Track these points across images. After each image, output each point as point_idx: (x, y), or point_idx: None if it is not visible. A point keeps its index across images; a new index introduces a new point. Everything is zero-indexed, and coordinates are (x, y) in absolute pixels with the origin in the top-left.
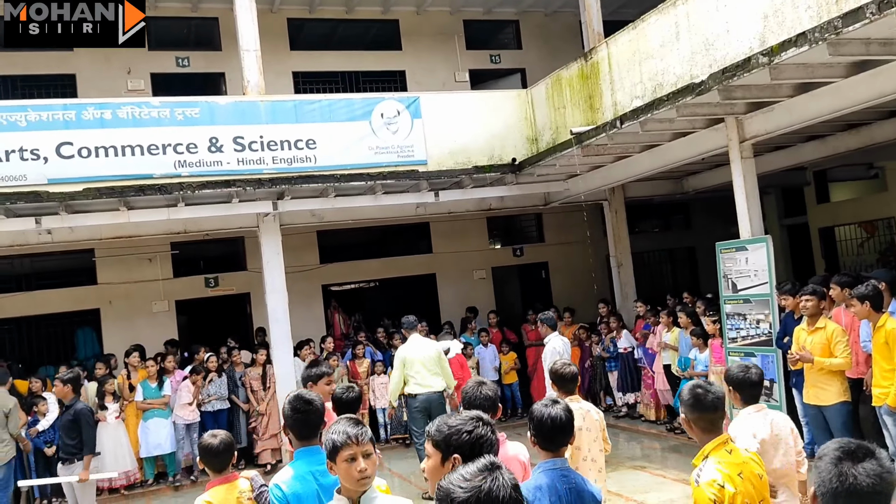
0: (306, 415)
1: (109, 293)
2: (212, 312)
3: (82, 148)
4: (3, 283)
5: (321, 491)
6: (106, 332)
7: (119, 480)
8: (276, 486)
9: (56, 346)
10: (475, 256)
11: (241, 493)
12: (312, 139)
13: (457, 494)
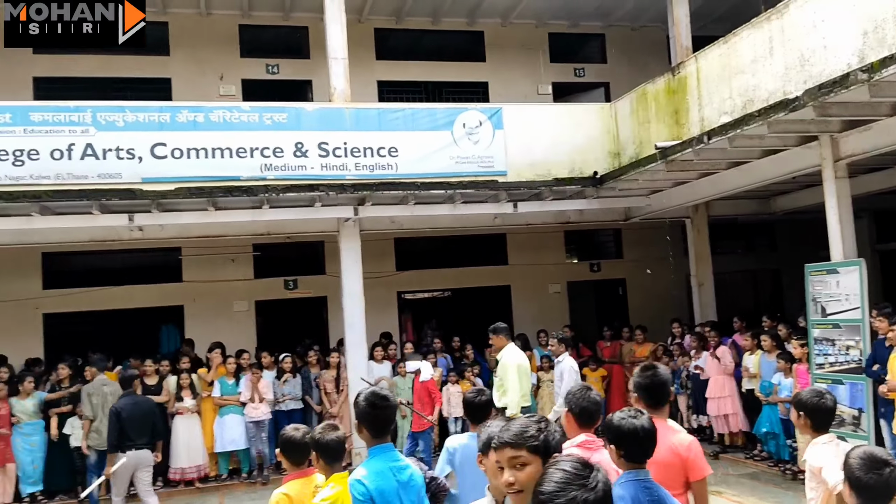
0: (384, 411)
1: (193, 291)
2: (289, 314)
3: (175, 149)
4: (95, 277)
5: (400, 488)
6: (189, 328)
7: (191, 473)
8: (357, 482)
9: (141, 340)
10: (551, 270)
11: (316, 487)
12: (395, 147)
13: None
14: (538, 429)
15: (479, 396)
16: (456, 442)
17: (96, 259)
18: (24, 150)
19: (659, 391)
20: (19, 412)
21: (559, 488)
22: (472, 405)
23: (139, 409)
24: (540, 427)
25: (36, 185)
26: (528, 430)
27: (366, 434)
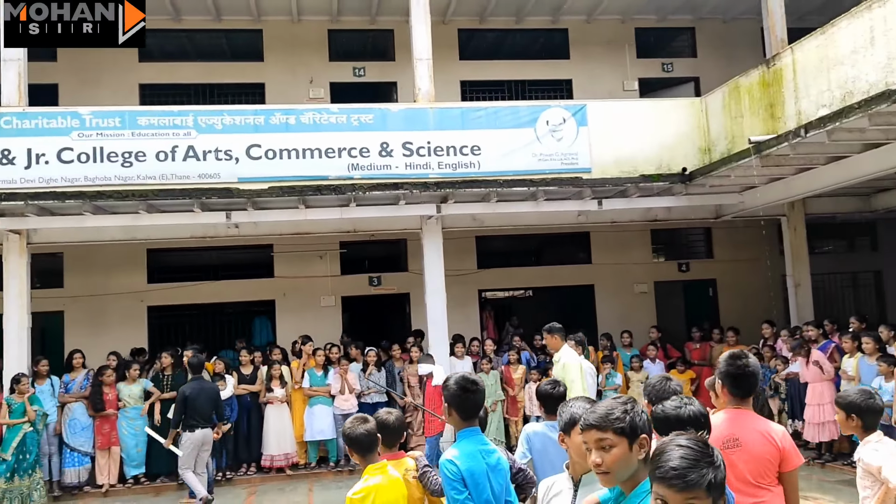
0: (474, 395)
1: (284, 286)
2: (374, 310)
3: (268, 150)
4: (194, 272)
5: (489, 470)
6: (279, 321)
7: (280, 461)
8: (448, 462)
9: (235, 332)
10: (637, 269)
11: (406, 471)
12: (477, 145)
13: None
14: (624, 410)
15: (556, 387)
16: (532, 429)
17: (196, 255)
18: (132, 152)
19: (747, 381)
20: (126, 397)
21: (690, 465)
22: (549, 396)
23: (204, 393)
24: (626, 409)
25: (143, 184)
26: (614, 413)
27: (455, 417)
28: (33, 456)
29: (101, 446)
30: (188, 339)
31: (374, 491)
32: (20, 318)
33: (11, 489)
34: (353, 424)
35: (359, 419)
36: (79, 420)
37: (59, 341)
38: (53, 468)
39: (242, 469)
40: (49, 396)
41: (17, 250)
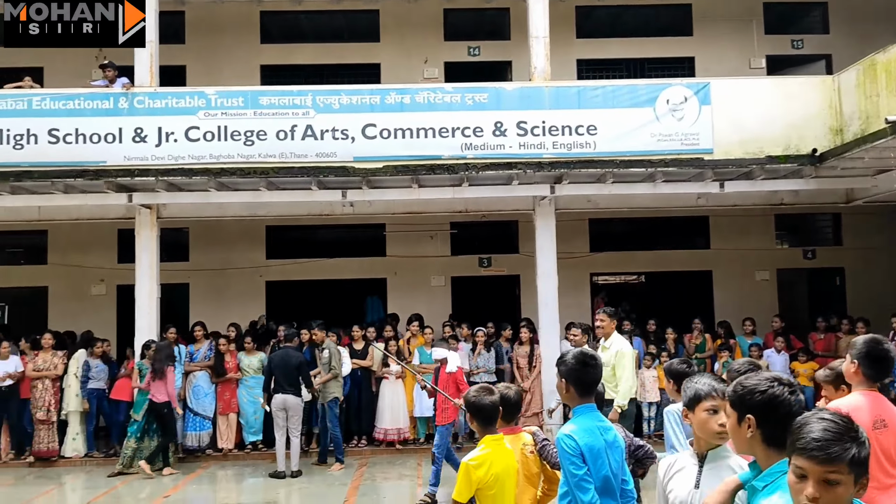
0: (593, 370)
1: (395, 265)
2: (483, 291)
3: (383, 129)
4: (310, 250)
5: (607, 447)
6: (391, 300)
7: (392, 435)
8: (567, 436)
9: (349, 309)
10: (758, 256)
11: (524, 446)
12: (593, 125)
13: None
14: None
15: (689, 366)
16: (673, 409)
17: (312, 233)
18: (254, 131)
19: (884, 364)
20: (245, 367)
21: (833, 438)
22: (683, 374)
23: (288, 362)
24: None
25: (263, 162)
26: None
27: (572, 392)
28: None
29: (222, 412)
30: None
31: (490, 460)
32: (150, 289)
33: (142, 448)
34: (478, 394)
35: (484, 389)
36: (202, 387)
37: (184, 312)
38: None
39: (353, 441)
40: (178, 363)
41: (149, 224)
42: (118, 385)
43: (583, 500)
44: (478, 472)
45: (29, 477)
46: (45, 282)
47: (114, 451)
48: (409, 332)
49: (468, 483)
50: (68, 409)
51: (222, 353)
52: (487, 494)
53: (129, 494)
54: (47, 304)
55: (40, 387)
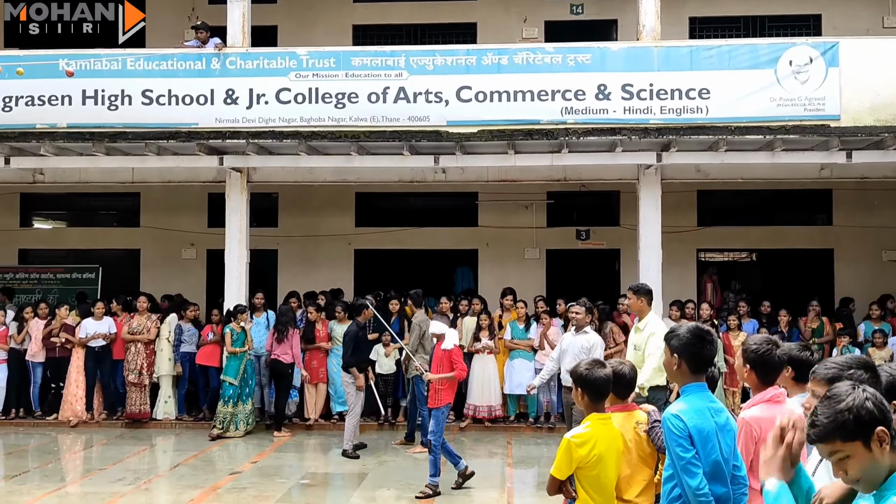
0: (710, 346)
1: (487, 236)
2: (580, 265)
3: (479, 92)
4: (400, 218)
5: (718, 429)
6: (482, 272)
7: (482, 412)
8: (674, 416)
9: (438, 280)
10: (889, 234)
11: (637, 424)
12: (706, 88)
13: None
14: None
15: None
16: (798, 400)
17: (402, 201)
18: (345, 93)
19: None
20: (337, 336)
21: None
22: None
23: (362, 335)
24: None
25: (354, 126)
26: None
27: (683, 369)
28: (254, 382)
29: (310, 381)
30: (391, 285)
31: (595, 438)
32: (240, 253)
33: (237, 412)
34: (591, 367)
35: (596, 363)
36: None
37: (272, 279)
38: (265, 399)
39: None
40: (264, 329)
41: (239, 188)
42: (203, 351)
43: (690, 484)
44: (580, 450)
45: (121, 437)
46: (137, 244)
47: (202, 414)
48: (502, 306)
49: (568, 460)
50: (160, 372)
51: (313, 321)
52: (588, 475)
53: (218, 458)
54: (139, 266)
55: (133, 350)
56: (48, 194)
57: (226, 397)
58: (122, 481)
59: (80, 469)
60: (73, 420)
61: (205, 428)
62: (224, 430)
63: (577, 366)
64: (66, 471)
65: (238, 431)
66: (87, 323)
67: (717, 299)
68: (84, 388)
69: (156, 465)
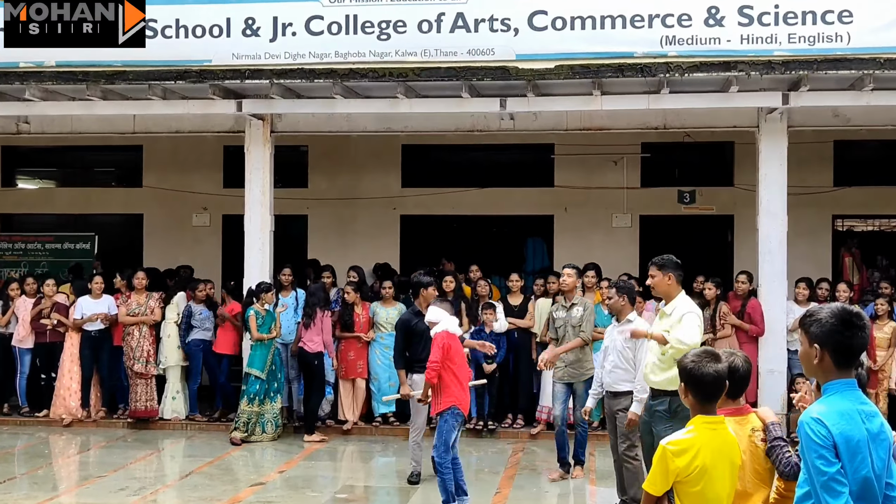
0: (861, 331)
1: (566, 198)
2: (682, 235)
3: (556, 18)
4: (456, 177)
5: (870, 438)
6: (558, 243)
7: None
8: (814, 420)
9: (505, 252)
10: None
11: (753, 432)
12: (847, 10)
13: None
14: None
15: None
16: None
17: (459, 155)
18: (391, 21)
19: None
20: (382, 321)
21: None
22: None
23: (418, 324)
24: None
25: (401, 62)
26: None
27: (826, 363)
28: (283, 376)
29: (346, 375)
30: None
31: (698, 447)
32: (263, 219)
33: (263, 412)
34: (698, 359)
35: (706, 355)
36: None
37: (301, 249)
38: (294, 395)
39: (507, 420)
40: (293, 312)
41: (261, 139)
42: (220, 337)
43: None
44: (678, 460)
45: (123, 439)
46: (139, 208)
47: (218, 413)
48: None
49: (664, 472)
50: (167, 363)
51: (350, 303)
52: (689, 491)
53: (238, 465)
54: (142, 235)
55: (136, 334)
56: (34, 148)
57: (251, 394)
58: (125, 491)
59: (75, 476)
60: (67, 418)
61: (221, 430)
62: (248, 432)
63: (683, 358)
64: (60, 478)
65: (266, 435)
66: (82, 302)
67: (860, 278)
68: (79, 381)
69: (164, 472)
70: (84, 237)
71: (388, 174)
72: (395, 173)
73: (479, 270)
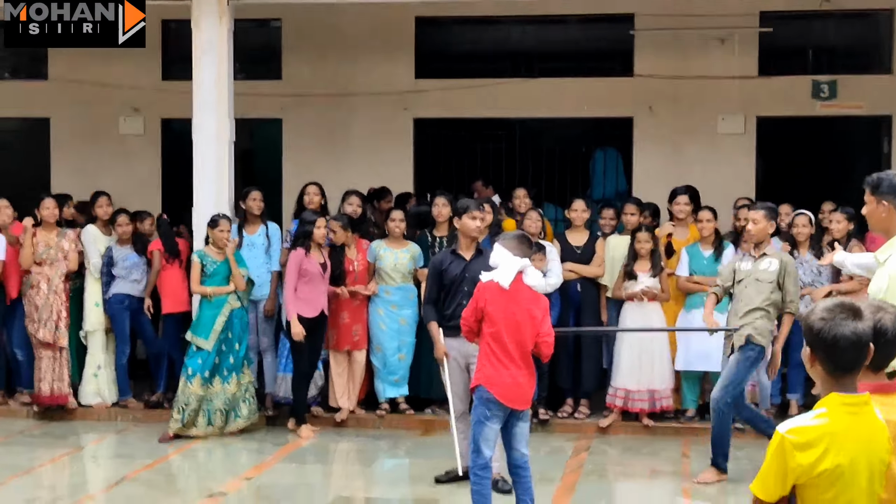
0: None
1: (650, 93)
2: (817, 143)
3: None
4: (492, 63)
5: None
6: (637, 156)
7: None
8: None
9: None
10: None
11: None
12: None
13: None
14: None
15: None
16: None
17: (494, 33)
18: None
19: None
20: (388, 269)
21: None
22: None
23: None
24: None
25: None
26: None
27: None
28: (243, 347)
29: (338, 346)
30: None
31: (827, 436)
32: (218, 126)
33: (211, 396)
34: (830, 315)
35: (843, 308)
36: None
37: (275, 167)
38: (266, 372)
39: (566, 407)
40: (262, 253)
41: (215, 8)
42: (165, 285)
43: None
44: (800, 456)
45: (28, 434)
46: (44, 110)
47: (157, 398)
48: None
49: (781, 470)
50: (86, 328)
51: (339, 244)
52: (821, 498)
53: (188, 470)
54: (49, 148)
55: (44, 288)
56: None
57: (190, 371)
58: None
59: None
60: None
61: (164, 421)
62: (186, 423)
63: (810, 313)
64: None
65: (211, 428)
66: None
67: None
68: None
69: (85, 479)
70: None
71: (396, 61)
72: (405, 59)
73: (526, 196)
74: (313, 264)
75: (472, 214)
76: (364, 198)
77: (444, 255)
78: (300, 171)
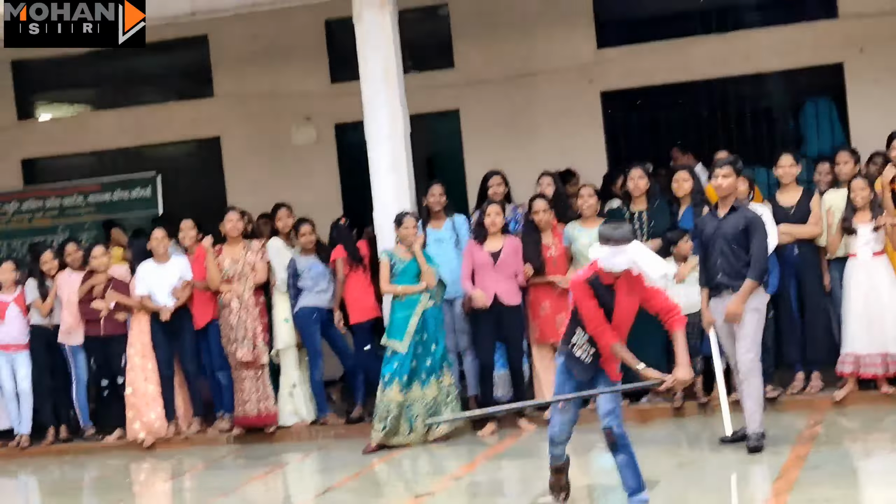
0: None
1: (861, 34)
2: None
3: None
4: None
5: None
6: (852, 104)
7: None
8: None
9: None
10: None
11: None
12: None
13: None
14: None
15: None
16: None
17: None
18: None
19: None
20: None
21: None
22: None
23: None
24: None
25: None
26: None
27: None
28: (440, 348)
29: (541, 339)
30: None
31: None
32: (391, 120)
33: (411, 401)
34: None
35: None
36: None
37: (456, 161)
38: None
39: (797, 382)
40: (452, 248)
41: (376, 3)
42: (350, 293)
43: None
44: None
45: (229, 459)
46: (214, 129)
47: (357, 412)
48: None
49: None
50: (277, 345)
51: (538, 227)
52: None
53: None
54: (222, 167)
55: (235, 305)
56: (58, 59)
57: (387, 377)
58: None
59: None
60: (148, 438)
61: (366, 436)
62: (388, 432)
63: None
64: None
65: (413, 435)
66: (144, 269)
67: None
68: (157, 383)
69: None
70: (142, 180)
71: (575, 31)
72: (585, 29)
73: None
74: (483, 254)
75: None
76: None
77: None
78: (484, 161)
